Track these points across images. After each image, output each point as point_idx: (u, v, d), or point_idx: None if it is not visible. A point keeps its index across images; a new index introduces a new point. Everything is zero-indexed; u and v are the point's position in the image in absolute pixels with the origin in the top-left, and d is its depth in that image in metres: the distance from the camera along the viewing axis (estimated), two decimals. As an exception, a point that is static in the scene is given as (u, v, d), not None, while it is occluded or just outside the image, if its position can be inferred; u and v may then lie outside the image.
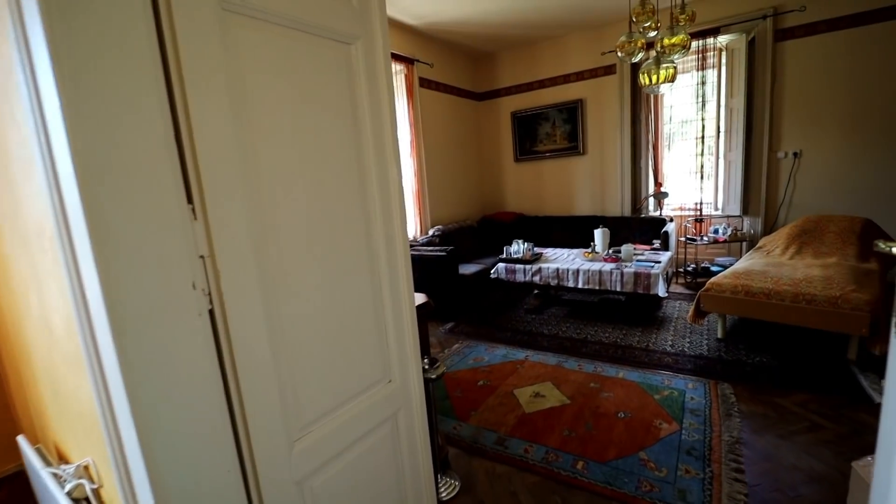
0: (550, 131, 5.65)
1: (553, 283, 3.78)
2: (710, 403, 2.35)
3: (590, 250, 3.92)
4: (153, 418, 0.72)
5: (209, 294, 0.81)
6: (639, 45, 2.78)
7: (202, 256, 0.80)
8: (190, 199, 0.78)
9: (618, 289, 3.46)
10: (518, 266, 3.95)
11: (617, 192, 5.32)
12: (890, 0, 3.76)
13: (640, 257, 3.80)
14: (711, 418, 2.21)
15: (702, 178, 4.79)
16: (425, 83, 5.06)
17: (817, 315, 2.58)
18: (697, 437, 2.08)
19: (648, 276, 3.32)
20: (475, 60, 6.01)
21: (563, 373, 2.80)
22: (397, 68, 4.59)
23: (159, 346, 0.73)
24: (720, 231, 4.50)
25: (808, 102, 4.20)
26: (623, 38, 2.83)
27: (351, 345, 1.14)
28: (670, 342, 3.18)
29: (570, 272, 3.66)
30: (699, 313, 3.07)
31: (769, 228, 4.51)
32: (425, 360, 1.60)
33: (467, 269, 4.34)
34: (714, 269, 4.48)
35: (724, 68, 4.62)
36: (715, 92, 4.70)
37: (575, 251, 4.26)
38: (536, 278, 3.84)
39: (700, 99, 4.71)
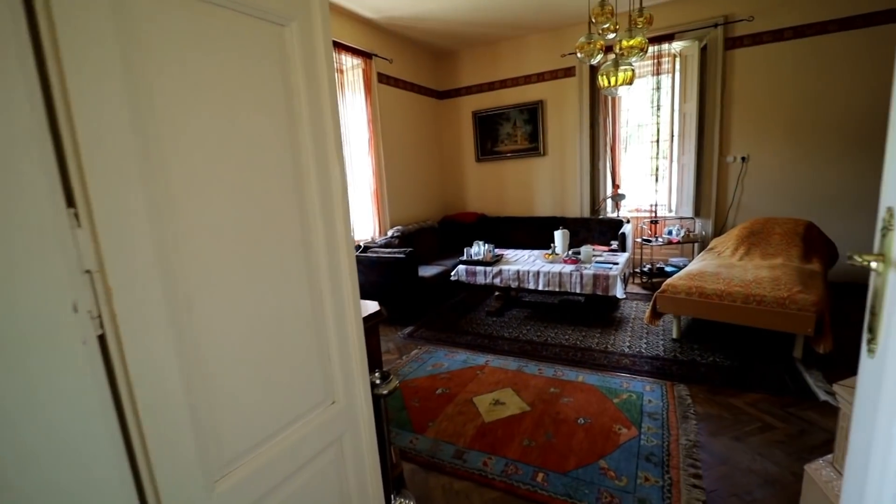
0: (511, 132, 5.64)
1: (514, 285, 3.74)
2: (667, 406, 2.36)
3: (550, 252, 3.91)
4: (16, 482, 0.57)
5: (98, 317, 0.66)
6: (598, 46, 2.77)
7: (88, 271, 0.65)
8: (71, 203, 0.63)
9: (577, 290, 3.46)
10: (478, 268, 3.88)
11: (576, 193, 5.37)
12: (826, 16, 3.98)
13: (598, 258, 3.83)
14: (669, 421, 2.22)
15: (656, 180, 4.91)
16: (384, 79, 4.91)
17: (766, 315, 2.66)
18: (656, 441, 2.07)
19: (607, 277, 3.33)
20: (436, 58, 5.91)
21: (523, 378, 2.75)
22: (354, 62, 4.42)
23: (21, 388, 0.58)
24: (674, 232, 4.63)
25: (754, 109, 4.39)
26: (582, 40, 2.81)
27: (286, 366, 1.01)
28: (628, 343, 3.20)
29: (531, 274, 3.63)
30: (655, 314, 3.11)
31: (719, 230, 4.68)
32: (376, 375, 1.48)
33: (427, 270, 4.24)
34: (669, 269, 4.61)
35: (677, 74, 4.75)
36: (669, 97, 4.83)
37: (535, 252, 4.24)
38: (497, 280, 3.79)
39: (655, 103, 4.82)
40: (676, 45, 4.63)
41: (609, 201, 5.12)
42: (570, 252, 3.90)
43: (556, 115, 5.33)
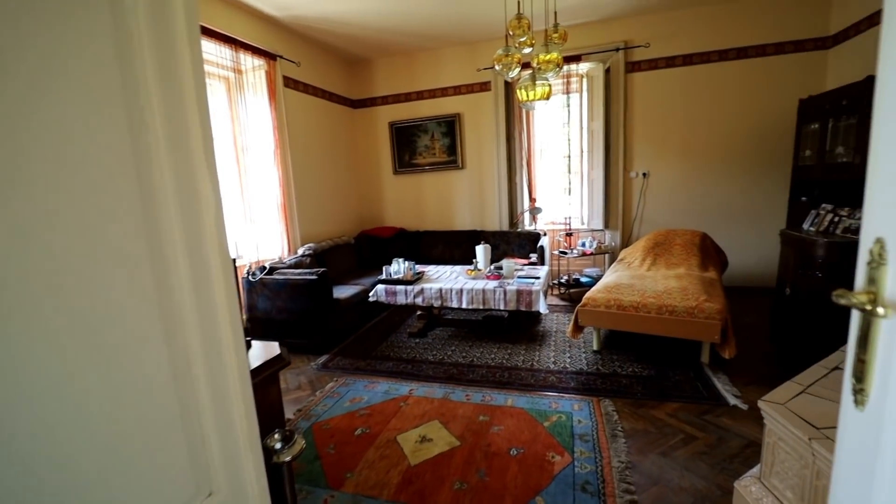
0: (430, 144, 5.52)
1: (437, 304, 3.56)
2: (596, 425, 2.31)
3: (472, 267, 3.81)
4: None
5: None
6: (515, 59, 2.73)
7: None
8: None
9: (501, 307, 3.38)
10: (399, 287, 3.65)
11: (495, 206, 5.39)
12: (710, 46, 4.41)
13: (520, 273, 3.80)
14: (600, 443, 2.16)
15: (569, 193, 5.08)
16: (292, 83, 4.51)
17: (678, 325, 2.76)
18: (590, 467, 1.98)
19: (530, 293, 3.29)
20: (350, 65, 5.62)
21: (450, 407, 2.56)
22: (256, 63, 3.99)
23: None
24: (587, 244, 4.80)
25: (653, 129, 4.73)
26: (500, 52, 2.76)
27: (131, 460, 0.69)
28: (553, 359, 3.17)
29: (454, 292, 3.48)
30: (577, 328, 3.12)
31: (627, 241, 4.96)
32: (276, 437, 1.18)
33: (343, 291, 3.91)
34: (584, 279, 4.75)
35: (585, 94, 4.98)
36: (578, 115, 5.05)
37: (457, 268, 4.12)
38: (419, 300, 3.58)
39: (566, 120, 5.00)
40: (583, 67, 4.86)
41: (527, 214, 5.20)
42: (492, 267, 3.82)
43: (474, 128, 5.32)
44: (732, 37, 4.35)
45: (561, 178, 5.09)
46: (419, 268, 4.19)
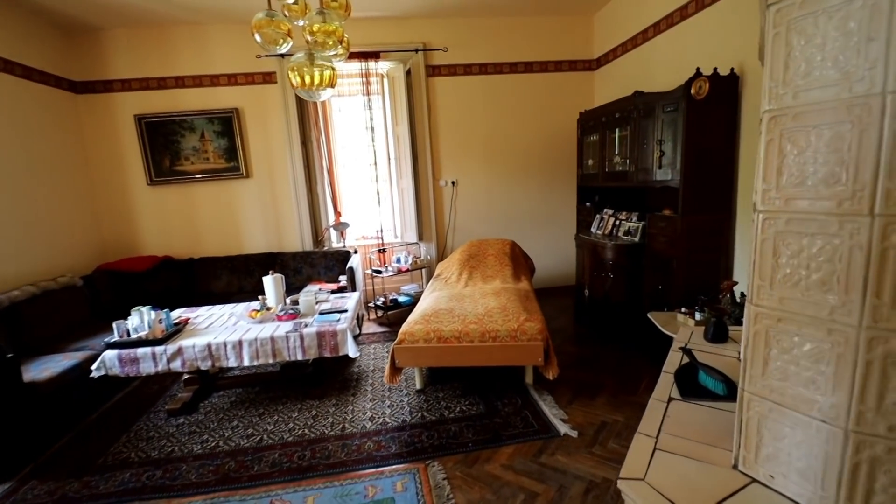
0: (200, 146, 4.30)
1: (205, 365, 2.55)
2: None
3: (259, 307, 2.90)
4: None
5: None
6: (283, 29, 2.02)
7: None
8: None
9: (298, 357, 2.59)
10: (142, 351, 2.49)
11: (294, 222, 4.51)
12: (501, 58, 4.47)
13: (324, 305, 3.08)
14: (431, 540, 1.62)
15: (378, 204, 4.58)
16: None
17: (503, 351, 2.46)
18: None
19: (335, 334, 2.60)
20: (67, 32, 3.97)
21: (216, 539, 1.68)
22: None
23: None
24: (402, 260, 4.37)
25: (457, 136, 4.58)
26: (261, 16, 2.00)
27: None
28: (370, 412, 2.55)
29: (230, 347, 2.54)
30: (395, 370, 2.57)
31: (442, 253, 4.71)
32: None
33: (50, 366, 2.52)
34: (402, 299, 4.29)
35: (387, 96, 4.55)
36: (382, 119, 4.59)
37: (240, 308, 3.13)
38: (177, 364, 2.51)
39: (370, 124, 4.48)
40: (383, 66, 4.41)
41: (333, 231, 4.48)
42: (287, 303, 2.99)
43: (259, 128, 4.34)
44: (519, 51, 4.49)
45: (369, 187, 4.55)
46: (183, 314, 3.05)
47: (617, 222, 3.62)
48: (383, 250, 4.46)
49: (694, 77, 2.70)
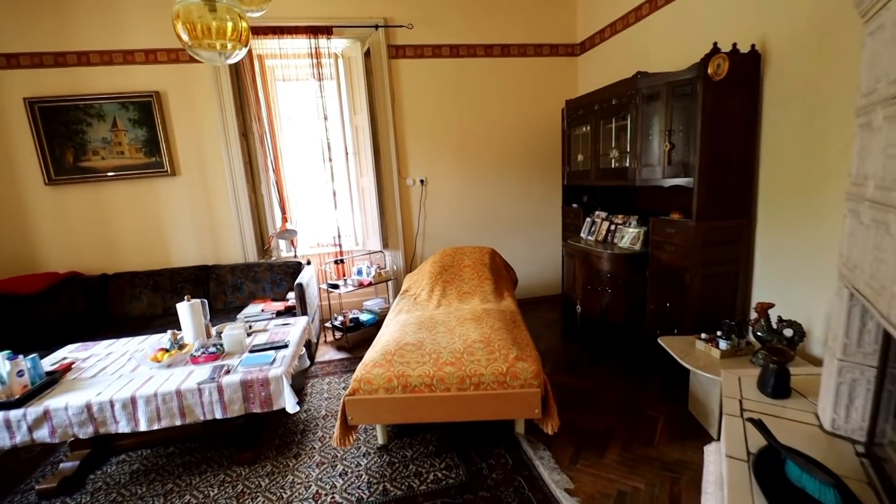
0: (111, 137, 3.53)
1: (84, 433, 1.86)
2: None
3: (168, 344, 2.21)
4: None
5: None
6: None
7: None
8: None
9: (217, 415, 1.95)
10: (-13, 418, 1.79)
11: (233, 229, 3.80)
12: (474, 39, 3.91)
13: (259, 337, 2.43)
14: None
15: (335, 207, 3.93)
16: None
17: (489, 403, 1.90)
18: None
19: (266, 382, 1.96)
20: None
21: None
22: None
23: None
24: (364, 272, 3.74)
25: (425, 127, 3.99)
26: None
27: None
28: (314, 487, 1.93)
29: (118, 406, 1.86)
30: (348, 428, 1.96)
31: (411, 264, 4.12)
32: None
33: None
34: (365, 318, 3.67)
35: (343, 79, 3.91)
36: (338, 107, 3.94)
37: (149, 343, 2.43)
38: (42, 433, 1.81)
39: (323, 113, 3.82)
40: (337, 44, 3.77)
41: (282, 240, 3.80)
42: (209, 341, 2.33)
43: (187, 116, 3.61)
44: (495, 32, 3.94)
45: (323, 187, 3.89)
46: (70, 354, 2.33)
47: (612, 227, 3.13)
48: (341, 261, 3.82)
49: (711, 54, 2.22)
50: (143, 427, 1.88)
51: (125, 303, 3.45)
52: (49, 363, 2.23)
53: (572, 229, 3.67)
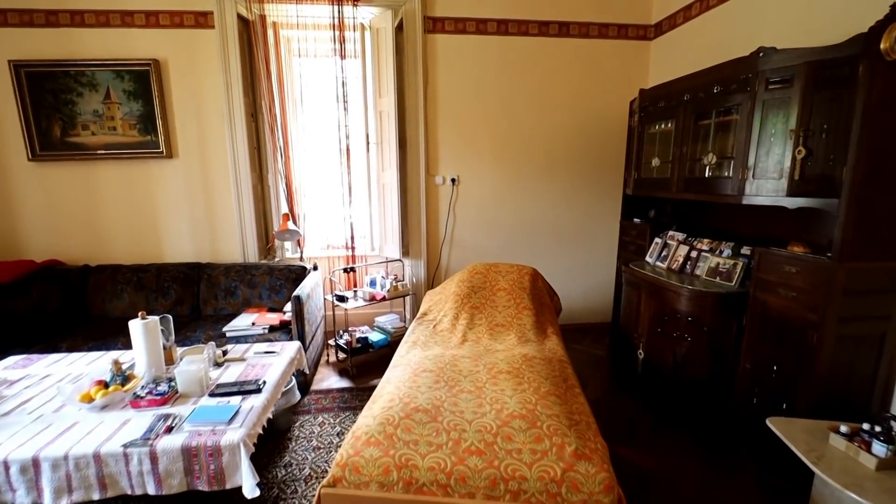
0: (104, 110, 3.09)
1: (-35, 504, 1.36)
2: None
3: (109, 376, 1.69)
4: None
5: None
6: None
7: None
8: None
9: (149, 490, 1.40)
10: None
11: (233, 223, 3.31)
12: (529, 14, 3.26)
13: (232, 368, 1.89)
14: None
15: (349, 204, 3.38)
16: None
17: (530, 518, 1.28)
18: None
19: (217, 451, 1.41)
20: None
21: None
22: None
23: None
24: (378, 283, 3.17)
25: (462, 116, 3.38)
26: None
27: None
28: None
29: (16, 470, 1.34)
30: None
31: (433, 277, 3.53)
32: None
33: None
34: (375, 338, 3.10)
35: (369, 57, 3.34)
36: (362, 90, 3.38)
37: (99, 367, 1.93)
38: None
39: (342, 96, 3.27)
40: (365, 12, 3.20)
41: (286, 241, 3.27)
42: (167, 373, 1.80)
43: (187, 90, 3.13)
44: (553, 7, 3.28)
45: (338, 181, 3.35)
46: (4, 371, 1.86)
47: (693, 254, 2.44)
48: (352, 269, 3.26)
49: (888, 21, 1.51)
50: (47, 501, 1.36)
51: (105, 300, 3.00)
52: (-31, 384, 1.75)
53: (633, 250, 2.99)
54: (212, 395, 1.67)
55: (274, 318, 2.75)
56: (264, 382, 1.75)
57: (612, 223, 3.52)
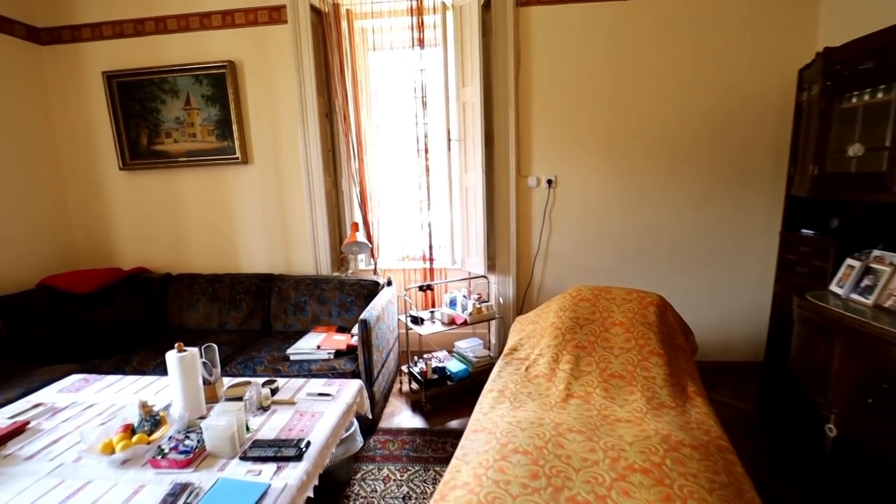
0: (184, 116, 3.03)
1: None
2: None
3: (137, 420, 1.42)
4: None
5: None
6: None
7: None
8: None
9: None
10: None
11: (305, 233, 3.07)
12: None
13: (279, 413, 1.54)
14: None
15: (427, 209, 2.96)
16: None
17: None
18: None
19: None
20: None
21: None
22: None
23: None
24: (458, 304, 2.71)
25: (560, 106, 2.79)
26: None
27: None
28: None
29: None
30: None
31: (523, 299, 2.98)
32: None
33: None
34: (454, 369, 2.63)
35: (451, 43, 2.90)
36: (443, 81, 2.95)
37: (137, 400, 1.70)
38: None
39: (421, 91, 2.88)
40: (447, -10, 2.78)
41: (358, 254, 2.95)
42: (199, 422, 1.50)
43: (261, 89, 2.96)
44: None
45: (414, 185, 2.96)
46: (60, 393, 1.71)
47: (926, 286, 1.61)
48: (429, 287, 2.84)
49: None
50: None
51: (181, 310, 2.92)
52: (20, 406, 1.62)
53: (804, 273, 2.18)
54: (244, 457, 1.31)
55: (341, 342, 2.42)
56: (308, 444, 1.36)
57: (764, 235, 2.69)
